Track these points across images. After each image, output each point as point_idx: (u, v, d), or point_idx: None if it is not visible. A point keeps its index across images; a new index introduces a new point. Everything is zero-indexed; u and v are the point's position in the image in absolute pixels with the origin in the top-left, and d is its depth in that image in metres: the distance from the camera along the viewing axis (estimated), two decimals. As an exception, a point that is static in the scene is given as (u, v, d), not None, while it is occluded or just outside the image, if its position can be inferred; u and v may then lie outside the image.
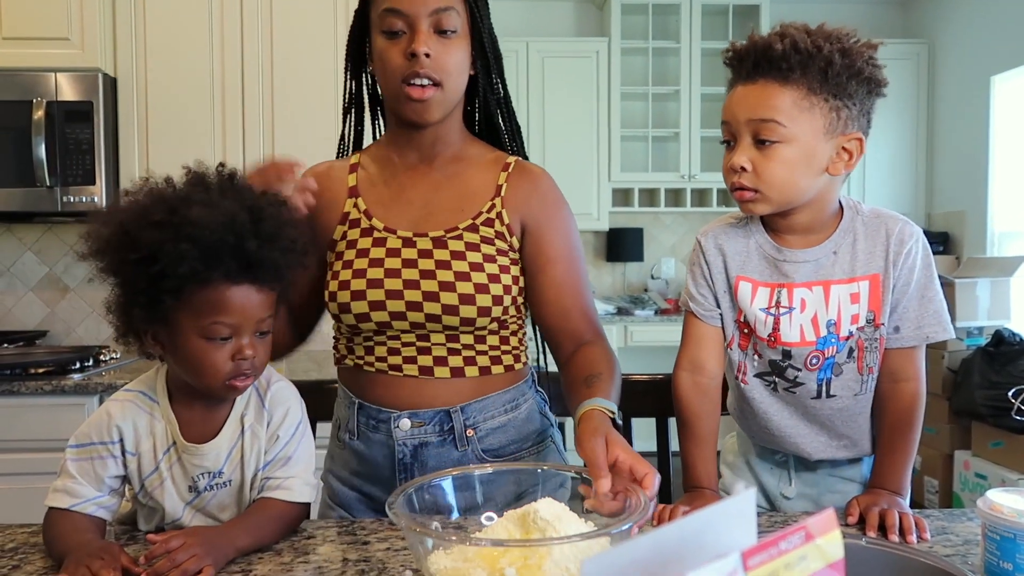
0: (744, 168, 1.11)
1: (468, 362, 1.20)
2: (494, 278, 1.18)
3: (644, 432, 1.49)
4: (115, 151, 2.72)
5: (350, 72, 1.30)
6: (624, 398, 1.17)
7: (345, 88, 1.31)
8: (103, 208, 2.54)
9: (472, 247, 1.18)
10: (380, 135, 1.34)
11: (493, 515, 0.89)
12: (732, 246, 1.21)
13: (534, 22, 4.97)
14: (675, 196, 4.99)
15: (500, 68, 1.27)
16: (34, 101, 2.58)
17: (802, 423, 1.21)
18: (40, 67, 2.61)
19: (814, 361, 1.17)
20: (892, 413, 1.17)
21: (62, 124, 2.61)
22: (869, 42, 1.11)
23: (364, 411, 1.22)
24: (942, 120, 4.78)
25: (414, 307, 1.16)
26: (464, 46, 1.19)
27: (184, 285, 0.94)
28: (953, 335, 1.17)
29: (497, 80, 1.27)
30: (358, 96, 1.32)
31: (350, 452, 1.24)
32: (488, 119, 1.30)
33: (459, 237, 1.19)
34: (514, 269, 1.21)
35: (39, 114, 2.58)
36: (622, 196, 4.93)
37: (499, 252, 1.20)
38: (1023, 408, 3.10)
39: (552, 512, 0.80)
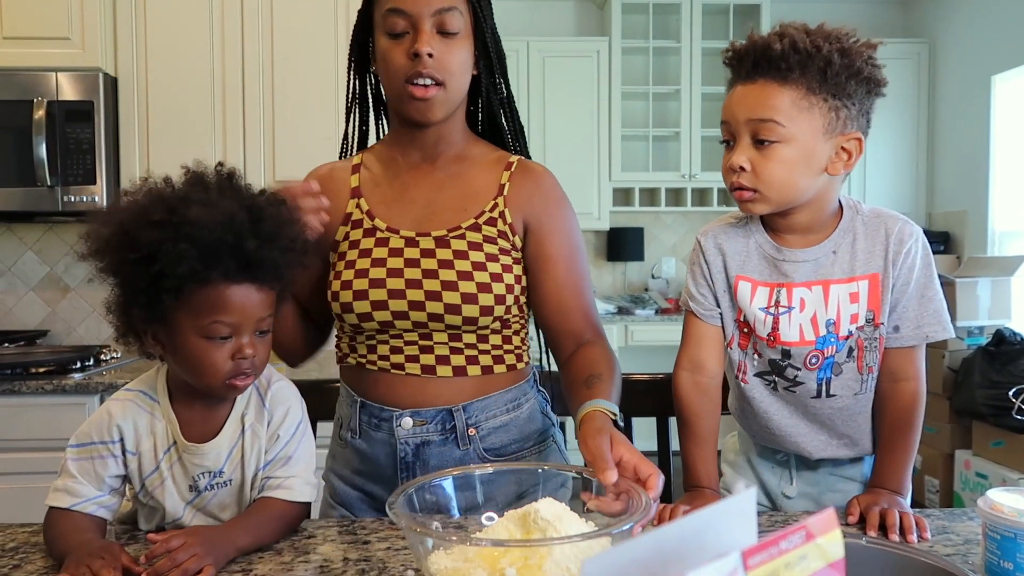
0: (743, 168, 1.11)
1: (470, 361, 1.20)
2: (496, 277, 1.18)
3: (644, 432, 1.49)
4: (116, 151, 2.72)
5: (353, 72, 1.30)
6: (625, 398, 1.17)
7: (348, 88, 1.31)
8: (103, 208, 2.54)
9: (475, 246, 1.18)
10: (383, 135, 1.34)
11: (494, 515, 0.89)
12: (732, 246, 1.21)
13: (535, 21, 4.97)
14: (676, 195, 4.99)
15: (503, 68, 1.27)
16: (35, 101, 2.59)
17: (802, 422, 1.21)
18: (41, 67, 2.61)
19: (813, 360, 1.17)
20: (892, 413, 1.17)
21: (63, 124, 2.61)
22: (868, 42, 1.11)
23: (366, 410, 1.22)
24: (943, 120, 4.78)
25: (416, 306, 1.16)
26: (467, 46, 1.20)
27: (183, 285, 0.94)
28: (953, 334, 1.17)
29: (500, 80, 1.28)
30: (362, 96, 1.32)
31: (352, 451, 1.24)
32: (491, 119, 1.31)
33: (462, 236, 1.19)
34: (516, 268, 1.21)
35: (40, 114, 2.58)
36: (623, 195, 4.93)
37: (501, 251, 1.20)
38: (1023, 408, 3.11)
39: (553, 512, 0.80)
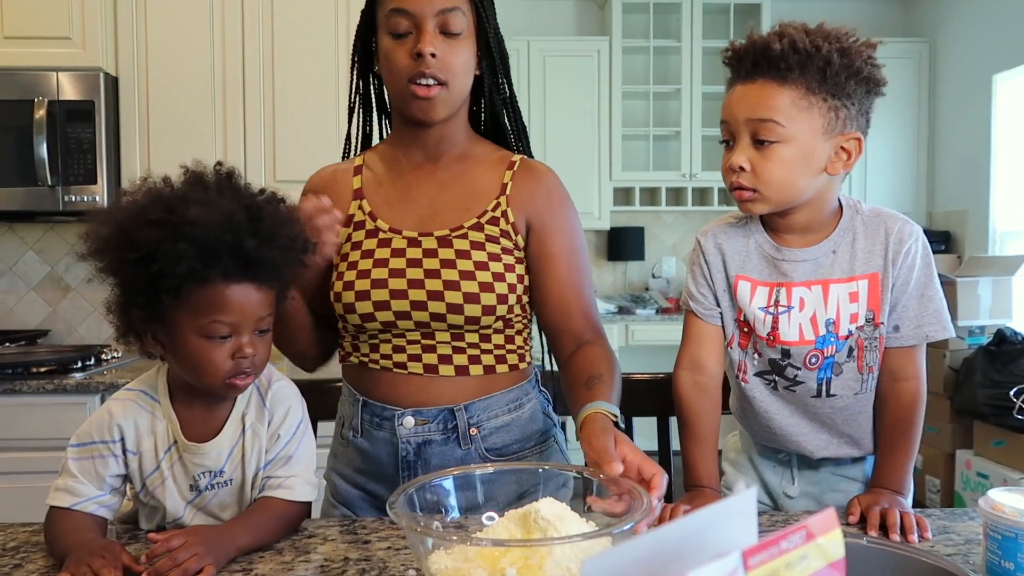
0: (743, 168, 1.11)
1: (473, 360, 1.20)
2: (499, 276, 1.18)
3: (645, 431, 1.49)
4: (116, 150, 2.72)
5: (357, 72, 1.30)
6: (625, 397, 1.17)
7: (351, 88, 1.31)
8: (104, 208, 2.54)
9: (477, 246, 1.18)
10: (385, 136, 1.34)
11: (494, 515, 0.89)
12: (731, 245, 1.21)
13: (535, 21, 4.96)
14: (676, 195, 4.98)
15: (506, 68, 1.28)
16: (36, 100, 2.59)
17: (803, 421, 1.21)
18: (41, 66, 2.62)
19: (813, 360, 1.17)
20: (893, 412, 1.17)
21: (63, 123, 2.61)
22: (868, 41, 1.10)
23: (368, 408, 1.22)
24: (943, 119, 4.78)
25: (419, 306, 1.16)
26: (470, 46, 1.20)
27: (182, 284, 0.94)
28: (953, 334, 1.17)
29: (503, 80, 1.28)
30: (364, 96, 1.32)
31: (354, 450, 1.24)
32: (494, 119, 1.31)
33: (464, 236, 1.19)
34: (519, 268, 1.22)
35: (40, 113, 2.58)
36: (623, 195, 4.92)
37: (504, 251, 1.20)
38: (1024, 407, 3.10)
39: (553, 512, 0.80)
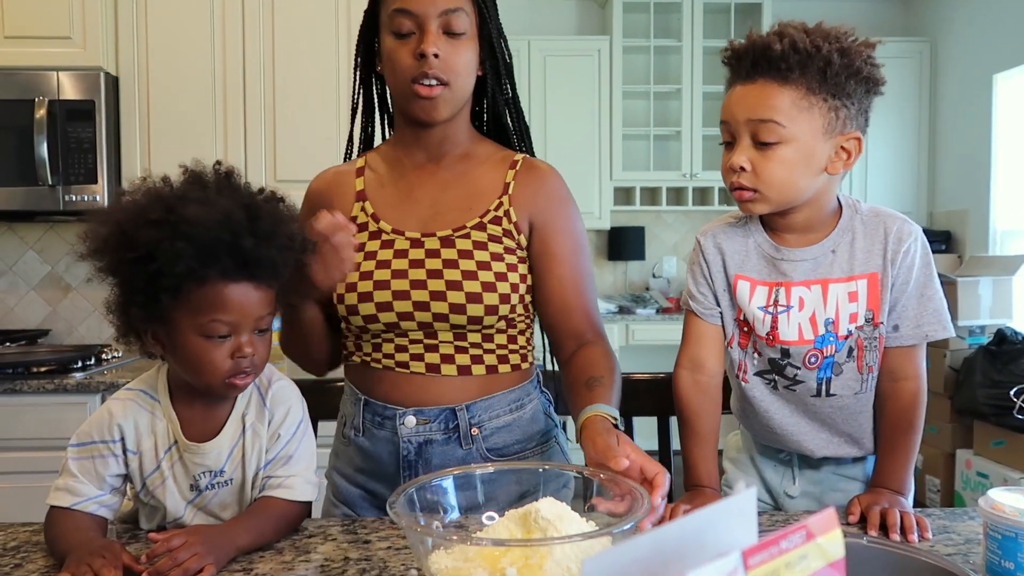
0: (744, 168, 1.11)
1: (475, 360, 1.20)
2: (501, 276, 1.18)
3: (645, 431, 1.49)
4: (117, 150, 2.72)
5: (360, 72, 1.30)
6: (625, 397, 1.17)
7: (354, 89, 1.31)
8: (102, 208, 2.54)
9: (480, 246, 1.18)
10: (388, 137, 1.34)
11: (494, 515, 0.89)
12: (731, 245, 1.21)
13: (536, 21, 4.96)
14: (677, 195, 4.98)
15: (509, 69, 1.27)
16: (36, 100, 2.59)
17: (803, 421, 1.21)
18: (42, 66, 2.61)
19: (813, 360, 1.17)
20: (893, 412, 1.17)
21: (64, 123, 2.61)
22: (867, 41, 1.10)
23: (370, 407, 1.22)
24: (944, 118, 4.77)
25: (421, 307, 1.16)
26: (472, 47, 1.20)
27: (181, 283, 0.94)
28: (953, 334, 1.17)
29: (506, 81, 1.28)
30: (367, 96, 1.32)
31: (355, 449, 1.24)
32: (496, 119, 1.31)
33: (467, 236, 1.19)
34: (522, 267, 1.22)
35: (41, 113, 2.58)
36: (624, 195, 4.92)
37: (507, 250, 1.20)
38: (1024, 407, 3.10)
39: (553, 512, 0.80)
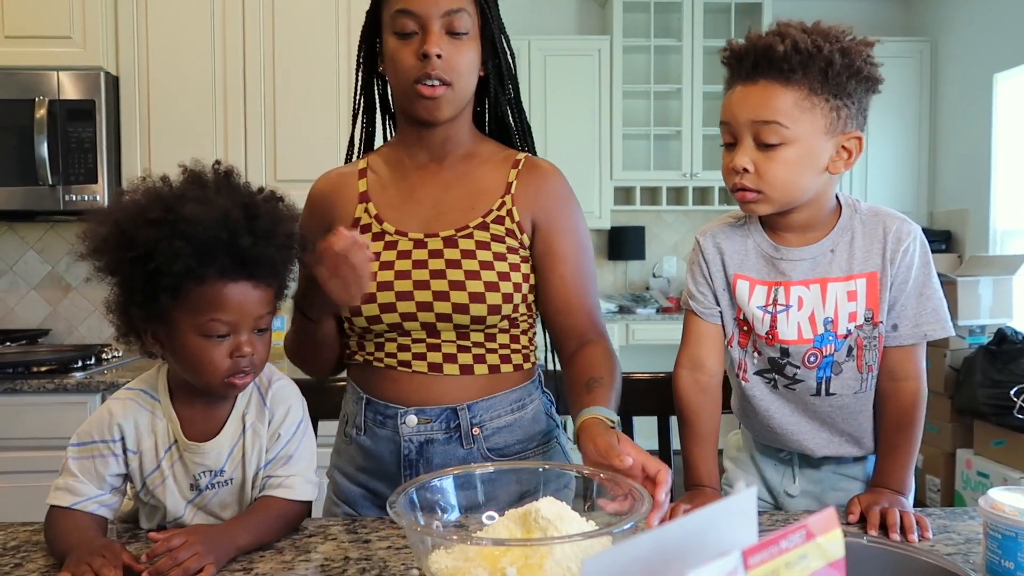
0: (746, 169, 1.11)
1: (478, 360, 1.20)
2: (504, 276, 1.18)
3: (645, 431, 1.49)
4: (117, 150, 2.72)
5: (361, 73, 1.30)
6: (625, 397, 1.17)
7: (356, 90, 1.31)
8: (102, 207, 2.54)
9: (482, 245, 1.18)
10: (390, 138, 1.34)
11: (494, 514, 0.89)
12: (730, 245, 1.21)
13: (536, 20, 4.96)
14: (677, 194, 4.98)
15: (512, 69, 1.27)
16: (36, 100, 2.59)
17: (803, 420, 1.21)
18: (42, 66, 2.61)
19: (812, 359, 1.17)
20: (893, 412, 1.17)
21: (64, 123, 2.61)
22: (866, 40, 1.10)
23: (372, 407, 1.22)
24: (944, 118, 4.77)
25: (424, 307, 1.16)
26: (475, 47, 1.20)
27: (180, 283, 0.94)
28: (952, 333, 1.17)
29: (508, 81, 1.28)
30: (369, 97, 1.32)
31: (356, 448, 1.24)
32: (499, 119, 1.31)
33: (469, 236, 1.19)
34: (524, 267, 1.22)
35: (41, 113, 2.58)
36: (624, 194, 4.92)
37: (509, 250, 1.20)
38: (1025, 406, 3.10)
39: (553, 511, 0.80)
